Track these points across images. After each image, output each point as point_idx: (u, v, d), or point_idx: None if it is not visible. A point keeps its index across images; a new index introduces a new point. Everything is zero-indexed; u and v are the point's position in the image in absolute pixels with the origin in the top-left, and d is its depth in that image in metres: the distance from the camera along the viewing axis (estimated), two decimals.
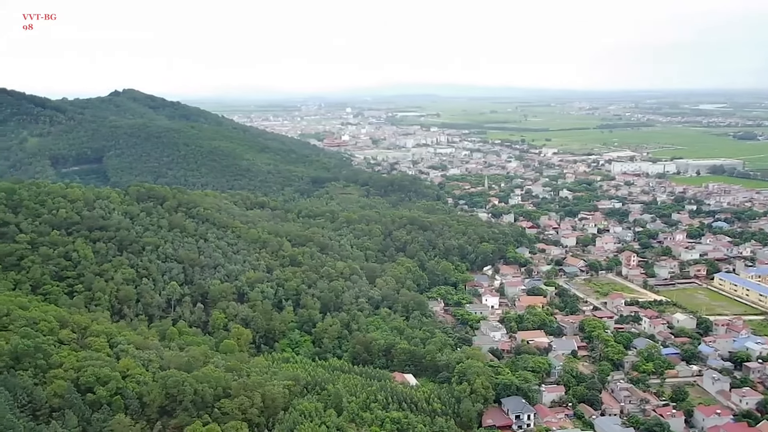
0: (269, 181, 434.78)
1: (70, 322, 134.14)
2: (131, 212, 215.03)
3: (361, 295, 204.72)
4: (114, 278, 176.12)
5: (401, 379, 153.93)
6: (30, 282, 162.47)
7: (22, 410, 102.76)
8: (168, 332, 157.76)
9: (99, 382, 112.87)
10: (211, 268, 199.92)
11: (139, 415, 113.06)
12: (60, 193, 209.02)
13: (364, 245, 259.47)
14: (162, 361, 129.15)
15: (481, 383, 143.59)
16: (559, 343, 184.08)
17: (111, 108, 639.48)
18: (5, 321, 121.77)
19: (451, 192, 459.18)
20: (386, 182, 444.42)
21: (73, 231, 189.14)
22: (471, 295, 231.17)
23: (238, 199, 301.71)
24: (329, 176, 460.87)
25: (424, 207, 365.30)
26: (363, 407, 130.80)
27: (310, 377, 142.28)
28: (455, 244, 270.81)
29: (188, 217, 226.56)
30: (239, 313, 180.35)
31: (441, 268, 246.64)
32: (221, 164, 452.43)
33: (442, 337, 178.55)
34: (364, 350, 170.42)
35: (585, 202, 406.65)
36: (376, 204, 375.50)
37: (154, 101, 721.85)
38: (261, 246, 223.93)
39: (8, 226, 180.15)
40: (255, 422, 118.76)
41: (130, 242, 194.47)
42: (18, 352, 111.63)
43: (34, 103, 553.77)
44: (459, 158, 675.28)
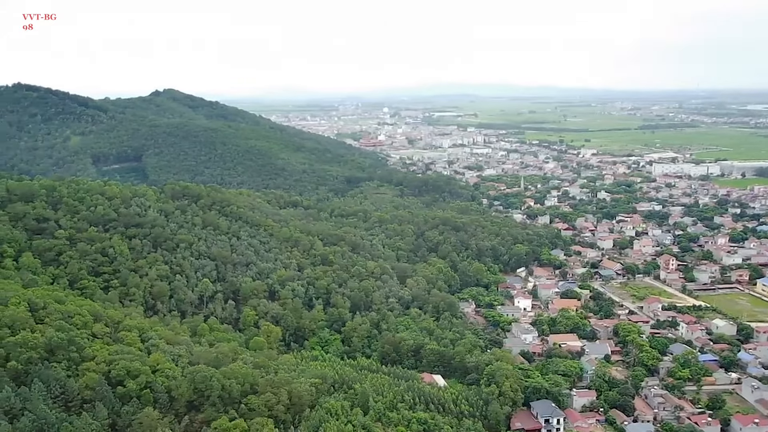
0: (304, 180, 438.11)
1: (104, 317, 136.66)
2: (166, 210, 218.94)
3: (391, 294, 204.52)
4: (148, 274, 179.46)
5: (429, 380, 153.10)
6: (68, 277, 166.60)
7: (54, 401, 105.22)
8: (199, 328, 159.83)
9: (129, 375, 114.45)
10: (243, 265, 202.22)
11: (168, 409, 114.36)
12: (98, 190, 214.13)
13: (395, 245, 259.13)
14: (191, 356, 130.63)
15: (509, 386, 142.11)
16: (592, 347, 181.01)
17: (151, 107, 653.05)
18: (42, 314, 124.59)
19: (486, 193, 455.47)
20: (420, 182, 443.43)
21: (110, 227, 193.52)
22: (503, 297, 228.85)
23: (272, 197, 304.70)
24: (364, 176, 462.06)
25: (458, 207, 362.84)
26: (389, 407, 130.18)
27: (337, 376, 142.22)
28: (488, 245, 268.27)
29: (222, 215, 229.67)
30: (270, 311, 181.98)
31: (473, 270, 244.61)
32: (257, 163, 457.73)
33: (472, 338, 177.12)
34: (393, 350, 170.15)
35: (623, 204, 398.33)
36: (410, 204, 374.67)
37: (194, 101, 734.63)
38: (293, 245, 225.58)
39: (48, 222, 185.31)
40: (281, 419, 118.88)
41: (165, 239, 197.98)
42: (52, 344, 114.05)
43: (77, 103, 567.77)
44: (495, 159, 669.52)
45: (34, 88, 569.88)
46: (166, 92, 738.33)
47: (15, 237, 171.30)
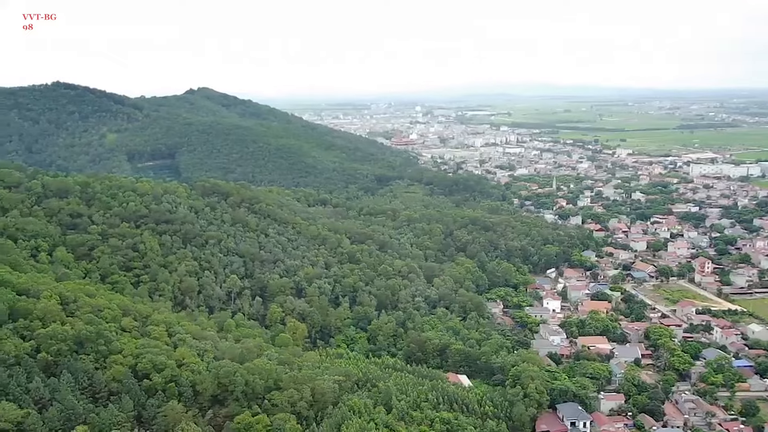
0: (334, 178, 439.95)
1: (133, 311, 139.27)
2: (196, 206, 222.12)
3: (417, 294, 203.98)
4: (178, 270, 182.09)
5: (455, 380, 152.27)
6: (99, 271, 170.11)
7: (82, 392, 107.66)
8: (226, 324, 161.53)
9: (155, 369, 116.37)
10: (271, 262, 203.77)
11: (192, 402, 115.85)
12: (130, 187, 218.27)
13: (423, 244, 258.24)
14: (217, 351, 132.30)
15: (535, 387, 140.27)
16: (622, 350, 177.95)
17: (185, 106, 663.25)
18: (72, 307, 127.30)
19: (518, 192, 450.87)
20: (451, 181, 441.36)
21: (141, 224, 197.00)
22: (532, 298, 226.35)
23: (301, 195, 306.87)
24: (394, 174, 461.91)
25: (488, 207, 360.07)
26: (413, 406, 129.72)
27: (361, 374, 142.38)
28: (518, 246, 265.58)
29: (251, 212, 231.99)
30: (296, 308, 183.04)
31: (502, 270, 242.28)
32: (288, 161, 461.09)
33: (499, 339, 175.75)
34: (418, 349, 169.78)
35: (659, 205, 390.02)
36: (440, 203, 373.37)
37: (227, 99, 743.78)
38: (320, 242, 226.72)
39: (81, 218, 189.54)
40: (304, 415, 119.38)
41: (194, 236, 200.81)
42: (81, 337, 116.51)
43: (113, 101, 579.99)
44: (528, 158, 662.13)
45: (72, 87, 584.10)
46: (200, 91, 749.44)
47: (50, 232, 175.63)
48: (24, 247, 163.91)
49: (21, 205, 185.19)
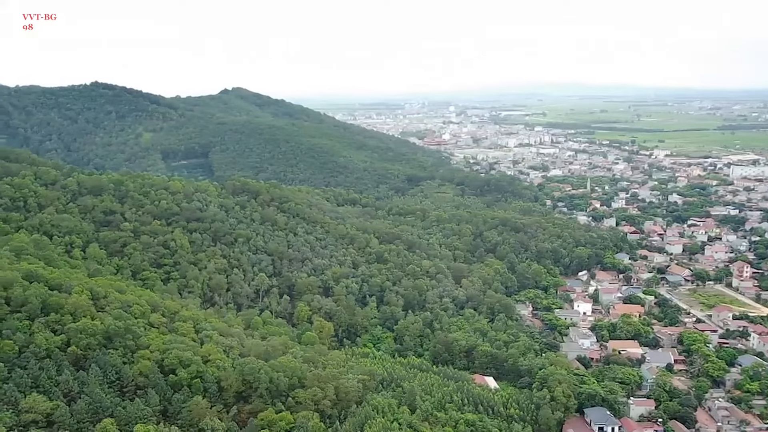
0: (365, 178, 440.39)
1: (161, 307, 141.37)
2: (226, 205, 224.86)
3: (445, 294, 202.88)
4: (207, 267, 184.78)
5: (481, 382, 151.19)
6: (131, 268, 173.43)
7: (110, 386, 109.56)
8: (253, 321, 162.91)
9: (181, 364, 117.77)
10: (299, 261, 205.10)
11: (217, 398, 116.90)
12: (162, 185, 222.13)
13: (452, 245, 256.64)
14: (243, 348, 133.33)
15: (562, 391, 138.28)
16: (654, 355, 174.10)
17: (219, 105, 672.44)
18: (102, 303, 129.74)
19: (551, 194, 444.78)
20: (482, 182, 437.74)
21: (172, 221, 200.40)
22: (562, 301, 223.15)
23: (330, 195, 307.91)
24: (425, 175, 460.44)
25: (520, 208, 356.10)
26: (437, 407, 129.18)
27: (386, 373, 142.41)
28: (548, 247, 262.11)
29: (280, 211, 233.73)
30: (323, 307, 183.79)
31: (532, 271, 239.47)
32: (319, 161, 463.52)
33: (527, 341, 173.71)
34: (444, 350, 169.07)
35: (696, 207, 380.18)
36: (470, 204, 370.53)
37: (260, 99, 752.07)
38: (348, 242, 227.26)
39: (114, 215, 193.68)
40: (327, 414, 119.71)
41: (224, 234, 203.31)
42: (110, 332, 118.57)
43: (149, 101, 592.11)
44: (562, 159, 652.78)
45: (109, 87, 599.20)
46: (234, 90, 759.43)
47: (83, 228, 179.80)
48: (59, 243, 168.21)
49: (57, 202, 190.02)
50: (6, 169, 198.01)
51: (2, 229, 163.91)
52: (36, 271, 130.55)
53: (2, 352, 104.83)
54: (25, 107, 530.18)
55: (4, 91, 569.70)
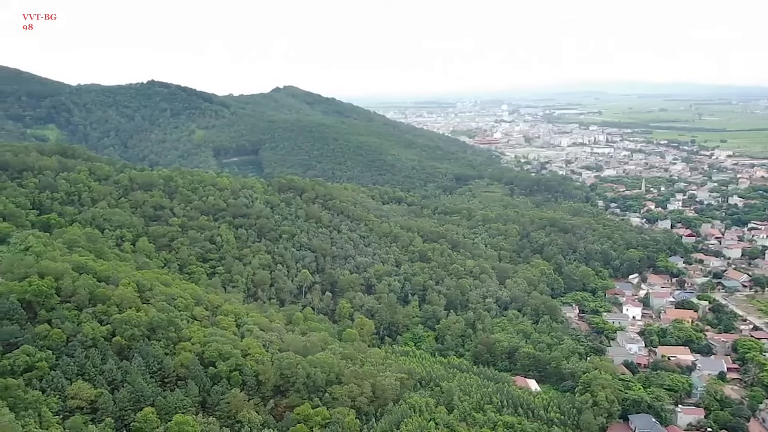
0: (413, 176, 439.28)
1: (205, 301, 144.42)
2: (272, 202, 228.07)
3: (489, 294, 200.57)
4: (252, 263, 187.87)
5: (522, 384, 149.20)
6: (178, 262, 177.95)
7: (152, 376, 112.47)
8: (294, 317, 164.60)
9: (221, 357, 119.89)
10: (342, 258, 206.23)
11: (255, 391, 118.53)
12: (210, 181, 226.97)
13: (498, 245, 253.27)
14: (282, 343, 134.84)
15: (605, 396, 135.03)
16: (706, 363, 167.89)
17: (270, 104, 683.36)
18: (148, 295, 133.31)
19: (603, 194, 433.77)
20: (532, 182, 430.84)
21: (219, 217, 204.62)
22: (610, 304, 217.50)
23: (376, 193, 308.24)
24: (474, 174, 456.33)
25: (570, 209, 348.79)
26: (476, 408, 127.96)
27: (425, 372, 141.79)
28: (598, 249, 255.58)
29: (324, 208, 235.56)
30: (365, 304, 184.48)
31: (579, 273, 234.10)
32: (367, 159, 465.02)
33: (572, 344, 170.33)
34: (486, 351, 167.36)
35: (758, 210, 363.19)
36: (519, 204, 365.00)
37: (311, 97, 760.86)
38: (392, 240, 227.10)
39: (164, 210, 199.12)
40: (363, 410, 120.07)
41: (269, 230, 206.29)
42: (154, 324, 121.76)
43: (203, 99, 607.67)
44: (617, 159, 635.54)
45: (165, 85, 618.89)
46: (286, 89, 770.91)
47: (134, 223, 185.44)
48: (110, 236, 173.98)
49: (109, 197, 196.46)
50: (63, 165, 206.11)
51: (57, 222, 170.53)
52: (86, 263, 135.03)
53: (51, 341, 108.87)
54: (86, 105, 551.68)
55: (66, 89, 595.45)
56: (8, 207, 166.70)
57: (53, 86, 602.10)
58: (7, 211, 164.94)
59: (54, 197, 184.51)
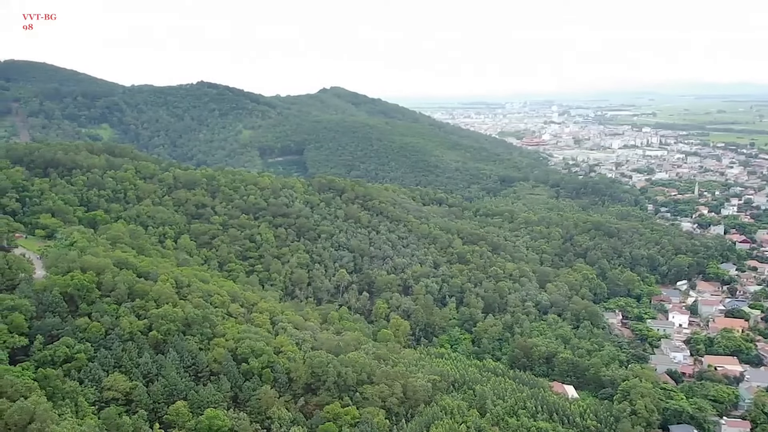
0: (456, 178, 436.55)
1: (241, 298, 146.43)
2: (312, 201, 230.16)
3: (528, 298, 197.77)
4: (290, 261, 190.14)
5: (560, 390, 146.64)
6: (218, 259, 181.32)
7: (185, 370, 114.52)
8: (329, 316, 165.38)
9: (253, 354, 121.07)
10: (380, 259, 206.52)
11: (286, 388, 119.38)
12: (252, 180, 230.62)
13: (540, 248, 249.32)
14: (315, 342, 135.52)
15: (644, 405, 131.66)
16: (755, 374, 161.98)
17: (316, 104, 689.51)
18: (185, 291, 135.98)
19: (653, 198, 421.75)
20: (579, 184, 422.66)
21: (259, 216, 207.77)
22: (655, 311, 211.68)
23: (417, 194, 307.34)
24: (519, 176, 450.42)
25: (617, 212, 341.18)
26: (509, 412, 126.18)
27: (459, 375, 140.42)
28: (644, 254, 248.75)
29: (364, 209, 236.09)
30: (401, 305, 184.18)
31: (624, 279, 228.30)
32: (410, 159, 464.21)
33: (612, 351, 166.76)
34: (523, 355, 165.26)
35: None
36: (564, 206, 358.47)
37: (357, 98, 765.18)
38: (431, 241, 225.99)
39: (205, 208, 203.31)
40: (394, 411, 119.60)
41: (308, 229, 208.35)
42: (189, 319, 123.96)
43: (250, 99, 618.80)
44: (670, 162, 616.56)
45: (213, 86, 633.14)
46: (332, 90, 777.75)
47: (176, 220, 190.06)
48: (153, 233, 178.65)
49: (153, 195, 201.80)
50: (110, 163, 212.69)
51: (103, 219, 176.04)
52: (127, 259, 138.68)
53: (90, 333, 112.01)
54: (137, 105, 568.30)
55: (120, 89, 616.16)
56: (57, 203, 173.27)
57: (107, 87, 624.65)
58: (56, 207, 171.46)
59: (101, 194, 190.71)
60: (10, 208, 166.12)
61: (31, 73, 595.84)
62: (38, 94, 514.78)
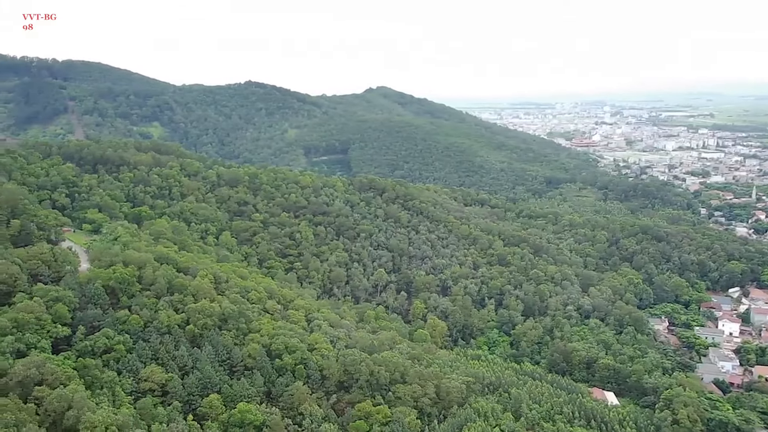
0: (501, 179, 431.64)
1: (278, 295, 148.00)
2: (352, 200, 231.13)
3: (570, 302, 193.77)
4: (329, 260, 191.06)
5: (600, 396, 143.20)
6: (258, 256, 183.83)
7: (220, 364, 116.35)
8: (366, 315, 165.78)
9: (287, 350, 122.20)
10: (419, 259, 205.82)
11: (319, 385, 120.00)
12: (293, 179, 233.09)
13: (584, 251, 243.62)
14: (349, 340, 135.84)
15: (687, 414, 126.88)
16: None
17: (362, 104, 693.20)
18: (223, 287, 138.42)
19: (707, 202, 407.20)
20: (628, 187, 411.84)
21: (299, 214, 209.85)
22: (704, 318, 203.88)
23: (459, 194, 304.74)
24: (566, 177, 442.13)
25: (668, 216, 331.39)
26: (545, 417, 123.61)
27: (495, 378, 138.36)
28: (694, 259, 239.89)
29: (404, 208, 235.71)
30: (439, 306, 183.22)
31: (672, 284, 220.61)
32: (455, 160, 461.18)
33: (656, 358, 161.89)
34: (563, 359, 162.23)
35: None
36: (612, 209, 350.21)
37: (403, 98, 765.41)
38: (471, 242, 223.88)
39: (247, 206, 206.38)
40: (426, 411, 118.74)
41: (347, 228, 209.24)
42: (225, 314, 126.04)
43: (296, 99, 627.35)
44: (726, 164, 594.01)
45: (261, 86, 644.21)
46: (378, 89, 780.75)
47: (218, 217, 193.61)
48: (195, 229, 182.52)
49: (197, 192, 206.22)
50: (157, 161, 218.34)
51: (148, 215, 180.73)
52: (168, 254, 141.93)
53: (129, 325, 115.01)
54: (187, 104, 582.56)
55: (170, 89, 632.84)
56: (104, 199, 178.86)
57: (159, 86, 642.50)
58: (103, 202, 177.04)
59: (147, 191, 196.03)
60: (60, 203, 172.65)
61: (88, 73, 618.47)
62: (93, 93, 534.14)
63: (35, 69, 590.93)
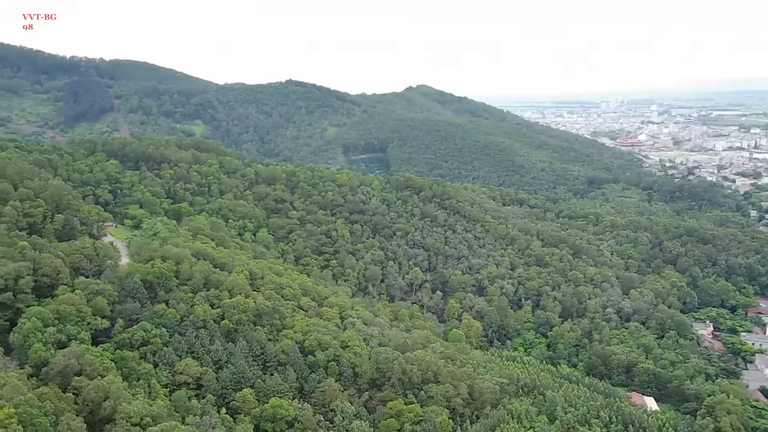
0: (541, 178, 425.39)
1: (312, 292, 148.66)
2: (389, 199, 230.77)
3: (609, 304, 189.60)
4: (364, 258, 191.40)
5: (639, 401, 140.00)
6: (294, 253, 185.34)
7: (254, 360, 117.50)
8: (400, 313, 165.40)
9: (320, 347, 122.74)
10: (455, 258, 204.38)
11: (351, 383, 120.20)
12: (330, 177, 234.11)
13: (626, 252, 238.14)
14: (383, 338, 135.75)
15: (730, 422, 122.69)
16: None
17: (402, 102, 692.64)
18: (258, 283, 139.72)
19: (758, 203, 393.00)
20: (674, 188, 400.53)
21: (336, 212, 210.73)
22: (752, 324, 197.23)
23: (497, 194, 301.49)
24: (608, 177, 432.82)
25: (715, 218, 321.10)
26: (581, 420, 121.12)
27: (530, 379, 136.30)
28: (742, 263, 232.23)
29: (441, 207, 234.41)
30: (475, 306, 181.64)
31: (717, 288, 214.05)
32: (495, 159, 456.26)
33: (699, 363, 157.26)
34: (601, 363, 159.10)
35: None
36: (657, 210, 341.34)
37: (443, 96, 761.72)
38: (508, 242, 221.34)
39: (284, 203, 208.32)
40: (459, 412, 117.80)
41: (383, 227, 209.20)
42: (260, 310, 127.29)
43: (335, 97, 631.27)
44: None
45: (301, 84, 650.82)
46: (418, 88, 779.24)
47: (256, 214, 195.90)
48: (233, 226, 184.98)
49: (235, 189, 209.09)
50: (196, 158, 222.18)
51: (187, 211, 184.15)
52: (205, 250, 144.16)
53: (166, 319, 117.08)
54: (228, 102, 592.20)
55: (213, 87, 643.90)
56: (145, 195, 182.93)
57: (201, 85, 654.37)
58: (145, 199, 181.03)
59: (186, 188, 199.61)
60: (103, 198, 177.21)
61: (134, 72, 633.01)
62: (138, 91, 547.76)
63: (84, 68, 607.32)
